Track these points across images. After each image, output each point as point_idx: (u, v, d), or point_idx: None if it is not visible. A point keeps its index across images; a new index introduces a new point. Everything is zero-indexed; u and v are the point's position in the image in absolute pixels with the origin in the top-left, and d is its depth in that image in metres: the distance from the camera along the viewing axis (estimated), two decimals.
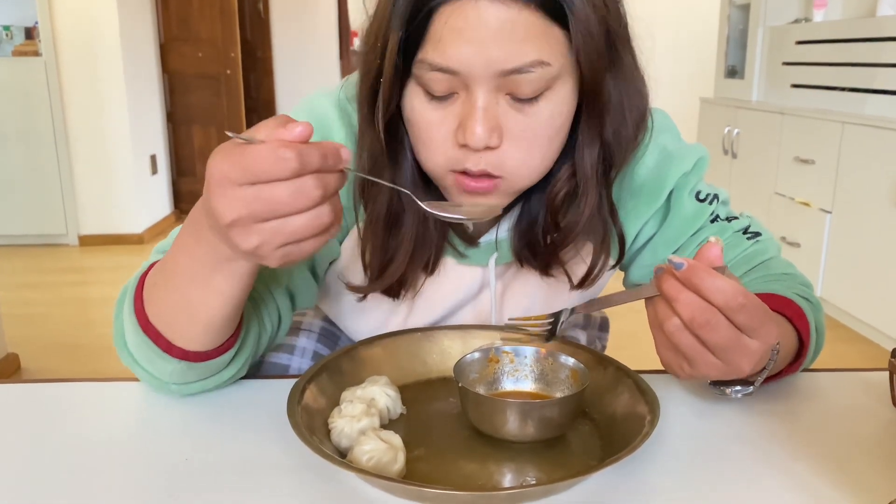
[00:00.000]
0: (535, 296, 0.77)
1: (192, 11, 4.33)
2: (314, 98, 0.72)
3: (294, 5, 5.24)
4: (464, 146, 0.59)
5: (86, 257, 3.70)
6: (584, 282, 0.72)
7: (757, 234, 0.76)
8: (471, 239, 0.72)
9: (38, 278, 3.35)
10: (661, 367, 0.72)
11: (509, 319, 0.67)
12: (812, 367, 0.71)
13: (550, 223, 0.69)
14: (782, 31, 3.30)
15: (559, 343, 0.71)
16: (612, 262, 0.73)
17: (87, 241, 3.87)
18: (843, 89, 2.84)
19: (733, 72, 3.75)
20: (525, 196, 0.70)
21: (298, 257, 0.48)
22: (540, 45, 0.56)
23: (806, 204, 2.90)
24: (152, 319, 0.58)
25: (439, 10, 0.55)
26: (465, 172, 0.61)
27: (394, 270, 0.68)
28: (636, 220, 0.75)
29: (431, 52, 0.56)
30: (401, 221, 0.67)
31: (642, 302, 0.57)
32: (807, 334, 0.64)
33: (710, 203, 0.75)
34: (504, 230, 0.73)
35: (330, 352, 0.86)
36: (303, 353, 0.82)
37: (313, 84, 5.35)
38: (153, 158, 4.16)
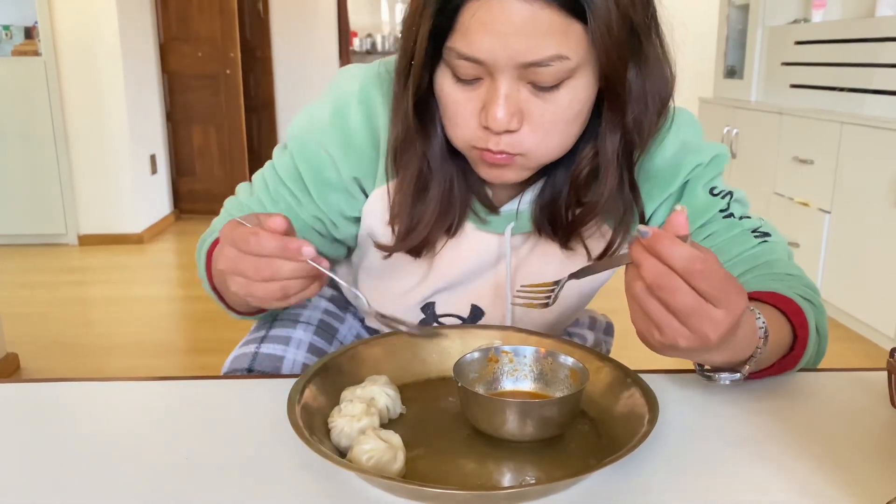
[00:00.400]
0: (549, 270, 0.80)
1: (191, 11, 4.33)
2: (343, 77, 0.77)
3: (294, 5, 5.23)
4: (486, 128, 0.64)
5: (85, 257, 3.69)
6: (603, 257, 0.76)
7: (766, 234, 0.76)
8: (492, 206, 0.76)
9: (37, 278, 3.35)
10: (661, 368, 0.73)
11: (521, 286, 0.69)
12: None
13: (573, 199, 0.73)
14: (781, 32, 3.31)
15: (558, 342, 0.71)
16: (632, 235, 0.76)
17: (87, 241, 3.86)
18: (841, 89, 2.84)
19: (732, 72, 3.75)
20: (550, 170, 0.73)
21: (270, 308, 0.71)
22: (559, 40, 0.59)
23: (805, 204, 2.90)
24: (215, 286, 0.76)
25: (467, 4, 0.59)
26: (485, 151, 0.66)
27: (419, 232, 0.73)
28: (648, 203, 0.77)
29: (459, 41, 0.61)
30: (428, 187, 0.72)
31: None
32: (804, 331, 0.64)
33: (723, 198, 0.77)
34: (525, 202, 0.76)
35: (326, 345, 0.86)
36: (298, 344, 0.82)
37: (313, 84, 5.35)
38: (153, 158, 4.16)
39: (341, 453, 0.56)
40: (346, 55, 5.47)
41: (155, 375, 0.72)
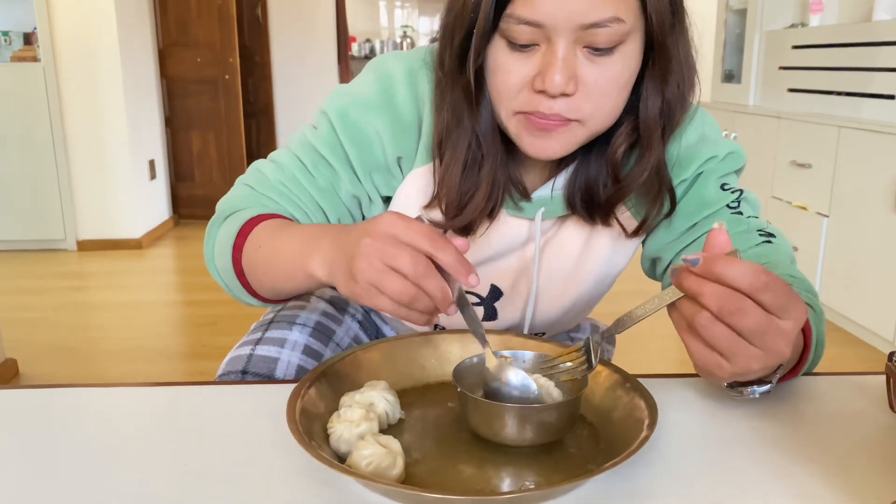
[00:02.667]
0: (573, 254, 0.82)
1: (190, 17, 4.34)
2: (386, 59, 0.79)
3: (293, 11, 5.25)
4: (541, 92, 0.65)
5: (84, 262, 3.69)
6: (639, 231, 0.78)
7: (771, 235, 0.77)
8: (524, 192, 0.78)
9: (36, 283, 3.35)
10: (660, 372, 0.73)
11: (546, 361, 0.65)
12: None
13: (610, 177, 0.74)
14: (779, 36, 3.32)
15: (558, 347, 0.71)
16: (665, 211, 0.78)
17: (86, 247, 3.86)
18: (839, 93, 2.85)
19: (730, 76, 3.76)
20: (583, 153, 0.75)
21: (363, 304, 0.61)
22: (616, 3, 0.62)
23: (803, 208, 2.91)
24: (245, 270, 0.74)
25: None
26: (535, 114, 0.67)
27: (471, 209, 0.74)
28: None
29: (520, 6, 0.63)
30: (478, 165, 0.74)
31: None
32: (809, 338, 0.64)
33: (733, 194, 0.79)
34: (557, 188, 0.78)
35: (322, 347, 0.86)
36: (293, 346, 0.82)
37: (312, 89, 5.36)
38: (151, 163, 4.16)
39: (340, 459, 0.56)
40: (344, 60, 5.48)
41: (154, 381, 0.72)
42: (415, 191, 0.79)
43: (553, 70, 0.63)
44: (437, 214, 0.77)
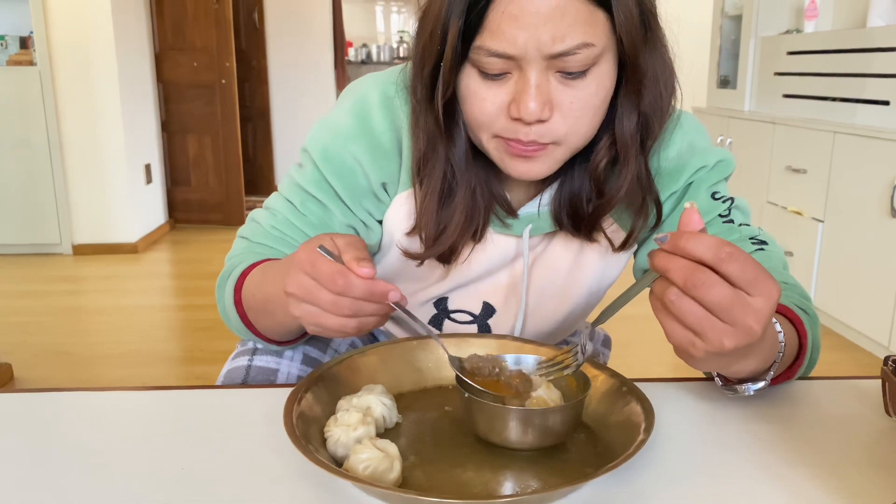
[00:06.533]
0: (562, 267, 0.82)
1: (186, 20, 4.34)
2: (361, 85, 0.79)
3: (289, 15, 5.25)
4: (517, 119, 0.64)
5: (79, 266, 3.68)
6: (626, 244, 0.77)
7: (763, 242, 0.77)
8: (511, 210, 0.77)
9: (31, 287, 3.34)
10: (657, 376, 0.73)
11: (540, 364, 0.66)
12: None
13: (593, 191, 0.74)
14: (774, 42, 3.33)
15: (553, 350, 0.71)
16: (651, 223, 0.78)
17: (81, 251, 3.85)
18: (834, 99, 2.86)
19: (725, 82, 3.78)
20: (566, 169, 0.74)
21: (329, 336, 0.67)
22: (585, 29, 0.61)
23: (798, 213, 2.92)
24: (248, 313, 0.76)
25: (497, 1, 0.61)
26: (513, 140, 0.66)
27: (447, 238, 0.74)
28: None
29: (489, 39, 0.62)
30: (453, 194, 0.73)
31: (636, 309, 0.58)
32: (805, 341, 0.65)
33: (724, 202, 0.78)
34: (544, 205, 0.78)
35: (321, 354, 0.86)
36: (292, 357, 0.82)
37: (308, 94, 5.36)
38: (147, 168, 4.15)
39: (338, 463, 0.56)
40: (341, 65, 5.48)
41: (149, 385, 0.71)
42: (400, 216, 0.79)
43: (527, 98, 0.62)
44: (416, 242, 0.76)
